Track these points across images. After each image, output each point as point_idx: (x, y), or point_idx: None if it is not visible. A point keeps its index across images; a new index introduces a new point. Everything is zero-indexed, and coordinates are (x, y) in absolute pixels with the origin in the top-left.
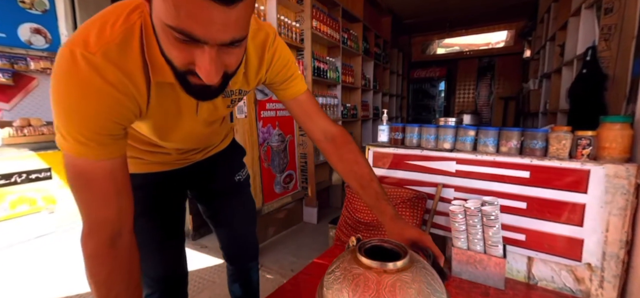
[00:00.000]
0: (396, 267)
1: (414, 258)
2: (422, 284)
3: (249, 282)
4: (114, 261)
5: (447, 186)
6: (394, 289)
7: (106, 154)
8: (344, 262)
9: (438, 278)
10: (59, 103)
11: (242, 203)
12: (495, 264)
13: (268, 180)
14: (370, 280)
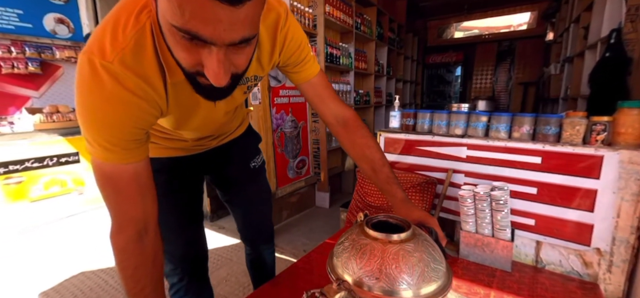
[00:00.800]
0: (400, 238)
1: (417, 231)
2: (423, 254)
3: (264, 262)
4: (141, 255)
5: (458, 172)
6: (397, 257)
7: (130, 158)
8: (353, 234)
9: (439, 249)
10: (84, 114)
11: (257, 189)
12: (502, 247)
13: (281, 165)
14: (376, 249)
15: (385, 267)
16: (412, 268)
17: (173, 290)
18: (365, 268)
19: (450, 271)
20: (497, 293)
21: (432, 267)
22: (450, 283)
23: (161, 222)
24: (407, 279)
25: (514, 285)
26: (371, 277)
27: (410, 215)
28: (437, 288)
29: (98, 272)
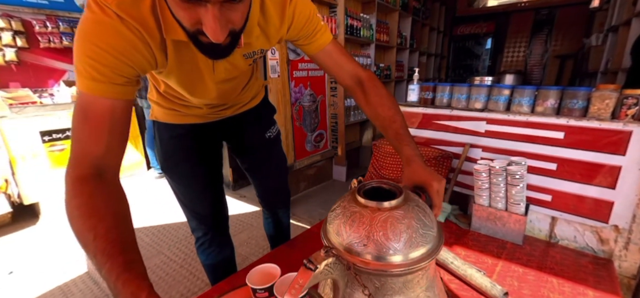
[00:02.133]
0: (390, 205)
1: (409, 198)
2: (412, 220)
3: (280, 224)
4: (93, 196)
5: (475, 146)
6: (385, 224)
7: (111, 93)
8: (345, 202)
9: (432, 217)
10: (79, 40)
11: (273, 158)
12: (515, 221)
13: (300, 138)
14: (365, 217)
15: (373, 234)
16: (400, 234)
17: (198, 243)
18: (354, 234)
19: (441, 234)
20: (506, 263)
21: (420, 233)
22: (440, 246)
23: (185, 183)
24: (394, 245)
25: (523, 257)
26: (359, 243)
27: (412, 177)
28: (425, 252)
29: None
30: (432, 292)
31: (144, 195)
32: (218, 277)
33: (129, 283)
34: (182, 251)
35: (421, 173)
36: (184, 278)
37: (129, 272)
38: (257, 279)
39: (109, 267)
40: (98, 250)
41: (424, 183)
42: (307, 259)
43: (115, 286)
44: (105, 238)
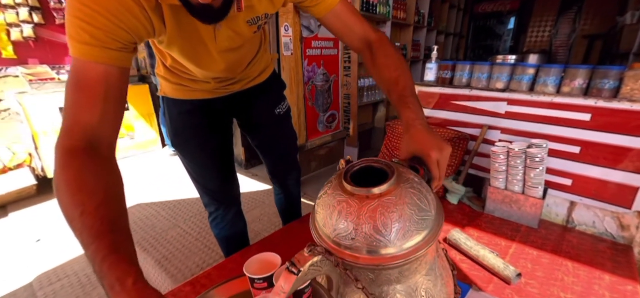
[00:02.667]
0: (380, 191)
1: (403, 178)
2: (405, 206)
3: (291, 199)
4: (83, 170)
5: (494, 128)
6: (374, 214)
7: (105, 58)
8: (331, 188)
9: (429, 197)
10: (69, 4)
11: (283, 134)
12: (531, 204)
13: (312, 118)
14: (352, 206)
15: (361, 226)
16: (391, 224)
17: (211, 218)
18: (340, 227)
19: (440, 214)
20: (519, 246)
21: (415, 220)
22: (438, 229)
23: (195, 159)
24: (385, 237)
25: (538, 240)
26: (347, 237)
27: (409, 146)
28: (421, 240)
29: (151, 204)
30: (433, 275)
31: (159, 172)
32: (231, 250)
33: (115, 266)
34: (196, 225)
35: (419, 140)
36: (199, 251)
37: (116, 254)
38: (255, 268)
39: (95, 248)
40: (85, 228)
41: (421, 153)
42: (289, 261)
43: (100, 268)
44: (92, 216)
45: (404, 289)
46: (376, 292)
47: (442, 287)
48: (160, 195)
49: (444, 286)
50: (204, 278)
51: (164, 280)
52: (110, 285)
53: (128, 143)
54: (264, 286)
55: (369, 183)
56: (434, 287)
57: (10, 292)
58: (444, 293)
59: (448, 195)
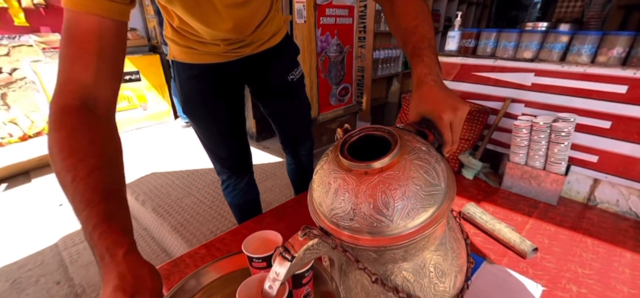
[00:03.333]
0: (381, 165)
1: (408, 148)
2: (410, 181)
3: (304, 171)
4: (76, 129)
5: (518, 101)
6: (374, 191)
7: (98, 8)
8: (327, 162)
9: (439, 167)
10: None
11: (296, 104)
12: (552, 180)
13: (324, 91)
14: (349, 184)
15: (359, 206)
16: (394, 203)
17: (224, 185)
18: (337, 207)
19: (451, 186)
20: (536, 222)
21: (421, 196)
22: (449, 203)
23: (205, 126)
24: (387, 217)
25: (556, 217)
26: (345, 217)
27: (418, 106)
28: (428, 217)
29: (165, 173)
30: (443, 250)
31: (172, 143)
32: (244, 217)
33: (106, 236)
34: (210, 194)
35: (430, 99)
36: (213, 218)
37: (107, 223)
38: (254, 247)
39: (86, 215)
40: (77, 194)
41: (432, 114)
42: (282, 246)
43: (90, 237)
44: (85, 182)
45: (410, 267)
46: (380, 270)
47: (453, 260)
48: (174, 165)
49: (455, 258)
50: (219, 243)
51: (180, 245)
52: (101, 255)
53: (141, 113)
54: (263, 266)
55: (370, 156)
56: (444, 261)
57: (38, 251)
58: (455, 266)
59: (463, 170)
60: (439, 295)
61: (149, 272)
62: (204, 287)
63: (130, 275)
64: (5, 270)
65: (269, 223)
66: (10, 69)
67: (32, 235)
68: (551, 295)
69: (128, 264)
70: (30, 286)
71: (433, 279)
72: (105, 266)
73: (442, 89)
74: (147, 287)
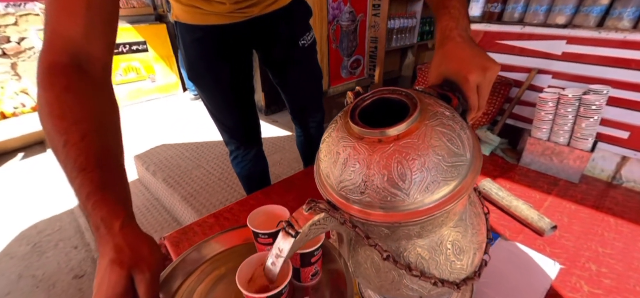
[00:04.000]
0: (397, 132)
1: (429, 113)
2: (430, 151)
3: (312, 140)
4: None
5: (544, 72)
6: (389, 162)
7: None
8: (336, 129)
9: (464, 135)
10: None
11: (307, 70)
12: (576, 157)
13: (335, 63)
14: (360, 154)
15: (371, 179)
16: (412, 174)
17: (232, 156)
18: (346, 179)
19: (477, 157)
20: (556, 199)
21: (443, 168)
22: (474, 176)
23: (212, 93)
24: (403, 191)
25: (577, 195)
26: (355, 191)
27: (441, 65)
28: (450, 190)
29: (175, 145)
30: (463, 226)
31: (181, 115)
32: (252, 188)
33: (101, 205)
34: (219, 166)
35: (456, 57)
36: (222, 189)
37: (101, 192)
38: (260, 222)
39: (79, 183)
40: (69, 160)
41: (457, 75)
42: (286, 221)
43: (84, 206)
44: (77, 147)
45: (426, 244)
46: (392, 247)
47: (472, 237)
48: (183, 137)
49: (475, 235)
50: (227, 212)
51: (190, 214)
52: (96, 226)
53: (149, 85)
54: (269, 242)
55: (384, 123)
56: (463, 238)
57: (56, 217)
58: (475, 243)
59: (480, 146)
60: (456, 272)
61: (147, 244)
62: (208, 260)
63: (127, 247)
64: (25, 234)
65: (277, 195)
66: (18, 39)
67: (49, 202)
68: (569, 273)
69: (125, 236)
70: (49, 249)
71: (450, 256)
72: (100, 237)
73: (469, 46)
74: (146, 260)
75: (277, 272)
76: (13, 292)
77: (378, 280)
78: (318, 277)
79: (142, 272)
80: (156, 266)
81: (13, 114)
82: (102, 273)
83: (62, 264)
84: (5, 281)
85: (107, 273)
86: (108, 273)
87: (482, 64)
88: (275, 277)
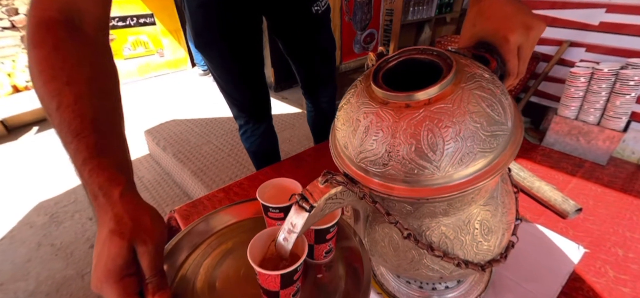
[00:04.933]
0: (427, 96)
1: (466, 75)
2: (467, 117)
3: (324, 116)
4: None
5: (577, 45)
6: (417, 131)
7: None
8: (356, 94)
9: (506, 102)
10: None
11: (319, 39)
12: (606, 138)
13: (348, 37)
14: (384, 122)
15: (396, 149)
16: (444, 145)
17: (241, 131)
18: (367, 149)
19: (519, 127)
20: (580, 182)
21: (481, 137)
22: (515, 148)
23: (219, 63)
24: (432, 162)
25: (604, 177)
26: (377, 162)
27: (475, 26)
28: (486, 164)
29: (185, 121)
30: (493, 204)
31: (190, 91)
32: (262, 164)
33: (98, 172)
34: (228, 142)
35: (494, 14)
36: (231, 165)
37: (98, 159)
38: (270, 195)
39: (74, 148)
40: (64, 124)
41: (495, 35)
42: (299, 194)
43: (80, 173)
44: (71, 110)
45: (452, 222)
46: (414, 225)
47: (502, 217)
48: (192, 113)
49: (505, 214)
50: (237, 187)
51: (200, 188)
52: (94, 194)
53: (158, 60)
54: (280, 216)
55: (412, 86)
56: (493, 218)
57: (70, 189)
58: (504, 223)
59: None
60: (482, 254)
61: (149, 214)
62: (214, 233)
63: (128, 217)
64: (43, 205)
65: (287, 171)
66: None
67: (64, 176)
68: (593, 257)
69: (125, 205)
70: (66, 220)
71: (477, 237)
72: (99, 207)
73: (510, 2)
74: (148, 231)
75: (289, 248)
76: (33, 259)
77: (396, 259)
78: (331, 255)
79: (145, 243)
80: (160, 237)
81: (25, 88)
82: (102, 244)
83: (78, 234)
84: (26, 249)
85: (107, 244)
86: (108, 244)
87: (526, 21)
88: (287, 254)
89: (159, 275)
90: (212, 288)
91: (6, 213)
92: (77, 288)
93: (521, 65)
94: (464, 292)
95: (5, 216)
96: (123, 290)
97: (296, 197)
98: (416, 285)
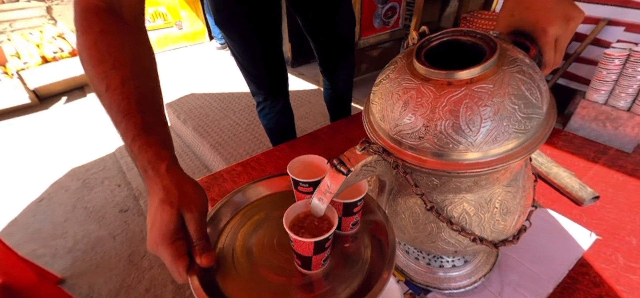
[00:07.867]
0: (469, 75)
1: (508, 58)
2: (506, 99)
3: (341, 94)
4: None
5: (614, 24)
6: (456, 108)
7: None
8: (396, 71)
9: (543, 87)
10: None
11: (339, 16)
12: (636, 124)
13: (368, 11)
14: (425, 97)
15: (435, 123)
16: (481, 123)
17: (259, 108)
18: (406, 122)
19: (552, 113)
20: (601, 169)
21: (517, 119)
22: (546, 132)
23: (239, 39)
24: (468, 138)
25: (628, 165)
26: (413, 135)
27: (513, 14)
28: (518, 144)
29: (203, 95)
30: (515, 186)
31: (208, 64)
32: (278, 141)
33: (147, 148)
34: (246, 117)
35: (533, 4)
36: (249, 140)
37: (146, 135)
38: (298, 171)
39: (124, 126)
40: (113, 104)
41: (534, 26)
42: (337, 158)
43: (131, 149)
44: (119, 91)
45: (474, 199)
46: (437, 199)
47: (521, 200)
48: (211, 87)
49: (524, 198)
50: (254, 162)
51: (219, 162)
52: (143, 168)
53: (176, 32)
54: (310, 191)
55: (453, 65)
56: (513, 199)
57: (100, 158)
58: (522, 206)
59: None
60: (497, 233)
61: (192, 185)
62: (248, 205)
63: (175, 188)
64: (76, 171)
65: (303, 149)
66: None
67: (93, 144)
68: (605, 244)
69: (172, 178)
70: (97, 186)
71: (495, 215)
72: (149, 179)
73: None
74: (193, 200)
75: (324, 208)
76: (70, 220)
77: (414, 231)
78: (357, 227)
79: (191, 211)
80: (203, 205)
81: (53, 58)
82: (154, 212)
83: (108, 199)
84: (63, 210)
85: (159, 212)
86: (160, 212)
87: (566, 12)
88: (321, 212)
89: (204, 238)
90: (250, 252)
91: (43, 177)
92: (110, 247)
93: (558, 56)
94: (470, 271)
95: (42, 180)
96: (175, 251)
97: (334, 161)
98: (424, 262)
